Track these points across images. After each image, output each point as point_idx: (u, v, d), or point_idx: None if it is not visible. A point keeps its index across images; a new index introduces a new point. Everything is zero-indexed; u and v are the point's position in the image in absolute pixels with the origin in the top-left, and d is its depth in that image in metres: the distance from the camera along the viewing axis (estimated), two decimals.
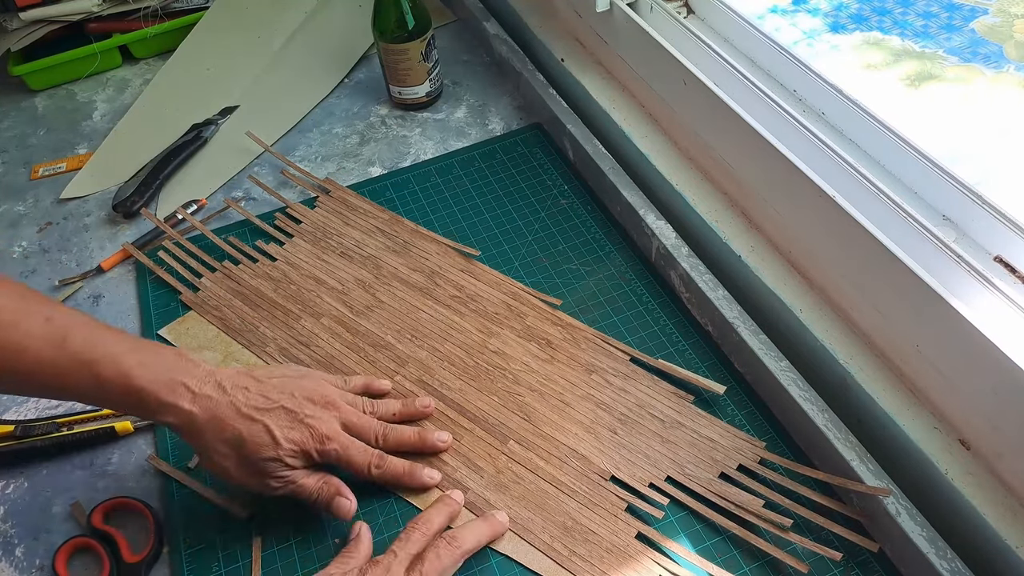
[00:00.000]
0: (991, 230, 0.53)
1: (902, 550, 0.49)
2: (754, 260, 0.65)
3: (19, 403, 0.65)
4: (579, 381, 0.62)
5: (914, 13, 0.76)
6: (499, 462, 0.58)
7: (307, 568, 0.54)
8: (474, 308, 0.68)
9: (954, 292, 0.49)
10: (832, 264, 0.59)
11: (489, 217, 0.77)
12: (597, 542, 0.53)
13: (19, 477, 0.60)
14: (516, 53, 0.91)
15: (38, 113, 0.96)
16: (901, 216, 0.54)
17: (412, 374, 0.63)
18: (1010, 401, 0.46)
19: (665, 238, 0.67)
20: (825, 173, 0.57)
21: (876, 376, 0.56)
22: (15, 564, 0.55)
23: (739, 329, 0.60)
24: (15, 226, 0.81)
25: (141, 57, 1.03)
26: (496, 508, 0.55)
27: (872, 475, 0.51)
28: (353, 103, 0.93)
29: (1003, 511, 0.48)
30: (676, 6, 0.78)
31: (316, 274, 0.72)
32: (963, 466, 0.51)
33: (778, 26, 0.78)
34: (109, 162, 0.87)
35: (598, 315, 0.67)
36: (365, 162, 0.85)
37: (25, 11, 0.95)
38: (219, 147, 0.88)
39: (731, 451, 0.57)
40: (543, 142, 0.84)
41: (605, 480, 0.56)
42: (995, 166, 0.61)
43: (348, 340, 0.66)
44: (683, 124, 0.73)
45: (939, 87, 0.68)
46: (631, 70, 0.79)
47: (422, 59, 0.85)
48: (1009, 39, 0.70)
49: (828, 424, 0.54)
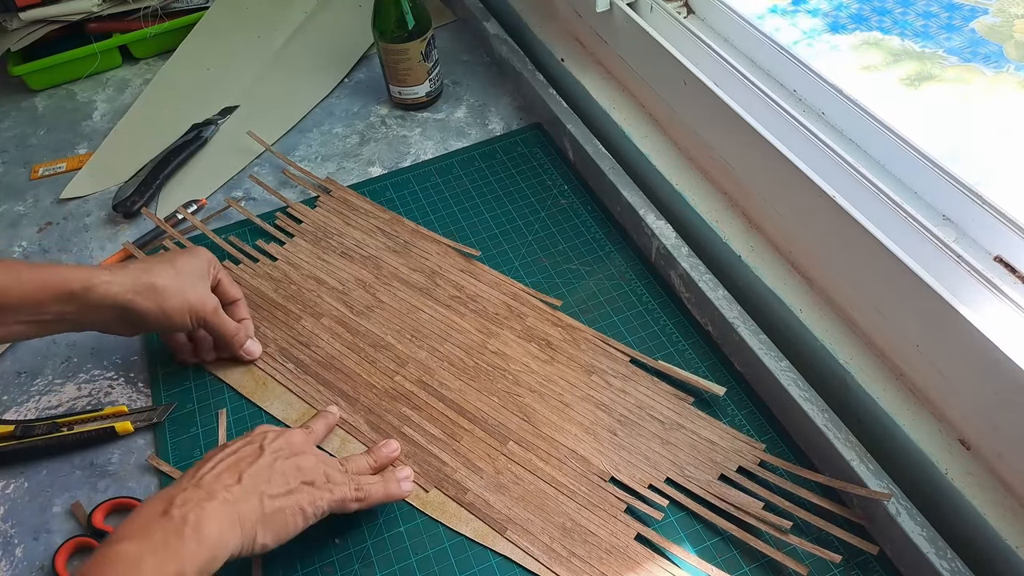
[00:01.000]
0: (991, 230, 0.53)
1: (902, 550, 0.49)
2: (754, 260, 0.65)
3: (19, 403, 0.65)
4: (579, 382, 0.62)
5: (914, 13, 0.76)
6: (498, 463, 0.58)
7: (307, 568, 0.54)
8: (474, 308, 0.68)
9: (954, 292, 0.49)
10: (832, 264, 0.59)
11: (489, 217, 0.77)
12: (596, 543, 0.53)
13: (19, 477, 0.60)
14: (516, 53, 0.91)
15: (38, 113, 0.96)
16: (901, 216, 0.54)
17: (412, 374, 0.63)
18: (1010, 401, 0.46)
19: (665, 238, 0.67)
20: (825, 173, 0.57)
21: (876, 376, 0.56)
22: (15, 564, 0.55)
23: (739, 329, 0.60)
24: (15, 226, 0.81)
25: (141, 57, 1.03)
26: (496, 509, 0.55)
27: (872, 475, 0.51)
28: (353, 103, 0.93)
29: (1003, 511, 0.48)
30: (676, 6, 0.78)
31: (316, 274, 0.72)
32: (963, 466, 0.51)
33: (778, 26, 0.78)
34: (109, 162, 0.87)
35: (598, 315, 0.67)
36: (365, 162, 0.85)
37: (25, 11, 0.95)
38: (219, 147, 0.88)
39: (731, 453, 0.57)
40: (543, 142, 0.84)
41: (604, 481, 0.56)
42: (995, 166, 0.61)
43: (348, 340, 0.66)
44: (683, 124, 0.73)
45: (939, 87, 0.68)
46: (631, 70, 0.79)
47: (422, 59, 0.85)
48: (1009, 39, 0.70)
49: (828, 424, 0.54)
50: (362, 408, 0.62)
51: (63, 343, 0.69)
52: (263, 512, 0.47)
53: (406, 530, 0.55)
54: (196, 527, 0.43)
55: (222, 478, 0.47)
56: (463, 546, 0.54)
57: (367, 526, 0.56)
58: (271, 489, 0.48)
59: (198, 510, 0.44)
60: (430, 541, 0.55)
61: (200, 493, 0.46)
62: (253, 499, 0.47)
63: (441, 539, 0.55)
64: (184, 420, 0.62)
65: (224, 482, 0.47)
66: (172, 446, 0.61)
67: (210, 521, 0.44)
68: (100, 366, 0.67)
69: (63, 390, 0.66)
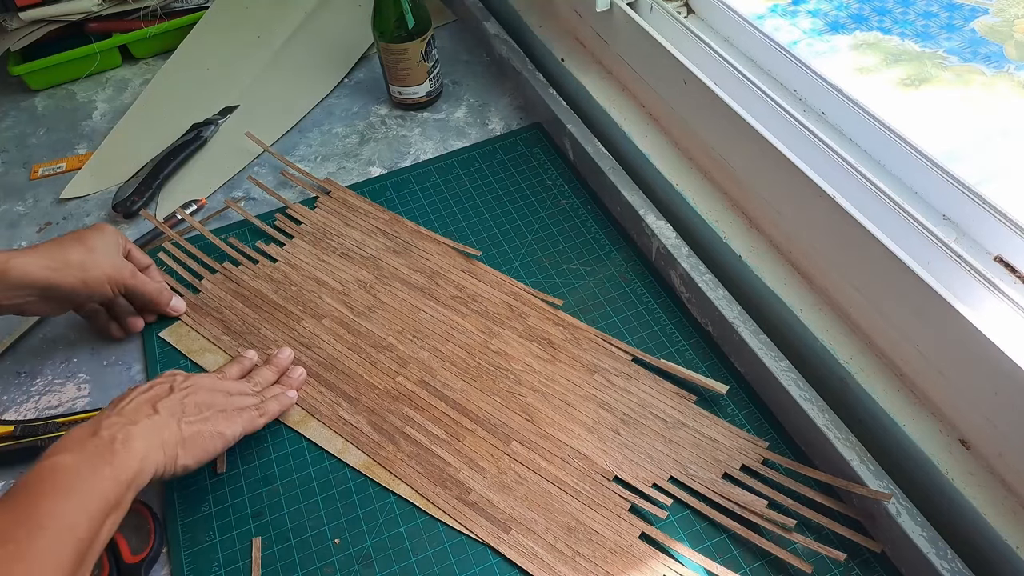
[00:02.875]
0: (991, 230, 0.53)
1: (902, 550, 0.49)
2: (754, 260, 0.65)
3: (19, 403, 0.65)
4: (581, 381, 0.62)
5: (914, 13, 0.76)
6: (502, 463, 0.58)
7: (307, 568, 0.54)
8: (475, 308, 0.68)
9: (954, 292, 0.49)
10: (832, 264, 0.59)
11: (489, 217, 0.77)
12: (601, 542, 0.53)
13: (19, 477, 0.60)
14: (516, 53, 0.91)
15: (38, 113, 0.96)
16: (901, 216, 0.54)
17: (414, 375, 0.63)
18: (1010, 401, 0.47)
19: (665, 238, 0.67)
20: (825, 173, 0.57)
21: (876, 376, 0.56)
22: None
23: (739, 329, 0.60)
24: (15, 226, 0.81)
25: (141, 57, 1.03)
26: (500, 509, 0.55)
27: (872, 475, 0.51)
28: (353, 103, 0.93)
29: (1003, 511, 0.48)
30: (676, 6, 0.78)
31: (317, 275, 0.72)
32: (963, 466, 0.51)
33: (778, 26, 0.78)
34: (109, 162, 0.87)
35: (598, 315, 0.67)
36: (365, 162, 0.85)
37: (25, 11, 0.95)
38: (219, 147, 0.88)
39: (734, 451, 0.57)
40: (543, 142, 0.84)
41: (608, 480, 0.56)
42: (995, 166, 0.61)
43: (349, 341, 0.66)
44: (683, 124, 0.73)
45: (939, 87, 0.68)
46: (631, 70, 0.79)
47: (422, 59, 0.85)
48: (1009, 39, 0.70)
49: (828, 424, 0.54)
50: (364, 409, 0.62)
51: (63, 343, 0.69)
52: (182, 436, 0.52)
53: (406, 530, 0.55)
54: (124, 443, 0.49)
55: (142, 408, 0.52)
56: (463, 546, 0.54)
57: (367, 526, 0.56)
58: (187, 416, 0.53)
59: (124, 431, 0.49)
60: (430, 541, 0.55)
61: (124, 419, 0.51)
62: (172, 424, 0.52)
63: (441, 539, 0.55)
64: None
65: (144, 412, 0.52)
66: None
67: (136, 439, 0.49)
68: (100, 366, 0.67)
69: (63, 390, 0.66)
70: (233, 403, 0.57)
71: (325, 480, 0.58)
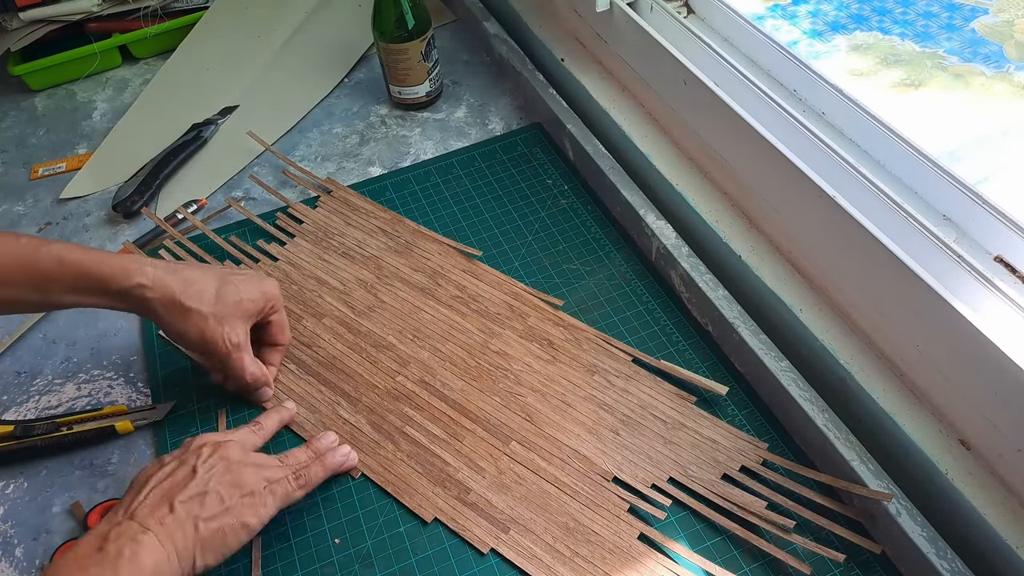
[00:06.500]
0: (991, 230, 0.53)
1: (902, 550, 0.49)
2: (754, 260, 0.65)
3: (19, 403, 0.65)
4: (581, 382, 0.62)
5: (914, 13, 0.76)
6: (501, 463, 0.58)
7: (307, 568, 0.54)
8: (476, 308, 0.68)
9: (954, 292, 0.49)
10: (832, 264, 0.59)
11: (489, 217, 0.77)
12: (599, 543, 0.53)
13: (19, 477, 0.60)
14: (516, 53, 0.91)
15: (38, 113, 0.96)
16: (901, 216, 0.54)
17: (414, 374, 0.63)
18: (1010, 401, 0.46)
19: (665, 238, 0.67)
20: (825, 173, 0.57)
21: (876, 376, 0.56)
22: (15, 564, 0.55)
23: (739, 329, 0.60)
24: (15, 226, 0.81)
25: (141, 57, 1.03)
26: (499, 509, 0.55)
27: (872, 475, 0.51)
28: (353, 103, 0.93)
29: (1003, 511, 0.48)
30: (676, 6, 0.78)
31: (318, 274, 0.72)
32: (964, 466, 0.51)
33: (778, 26, 0.78)
34: (109, 162, 0.87)
35: (598, 315, 0.67)
36: (365, 162, 0.85)
37: (25, 11, 0.95)
38: (219, 147, 0.88)
39: (734, 452, 0.57)
40: (543, 142, 0.84)
41: (607, 481, 0.56)
42: (995, 166, 0.61)
43: (350, 340, 0.66)
44: (683, 124, 0.73)
45: (939, 87, 0.68)
46: (631, 70, 0.79)
47: (422, 59, 0.85)
48: (1009, 39, 0.70)
49: (828, 424, 0.54)
50: (364, 408, 0.62)
51: (63, 343, 0.69)
52: (199, 537, 0.47)
53: (406, 530, 0.55)
54: (131, 560, 0.44)
55: (156, 510, 0.47)
56: (463, 546, 0.54)
57: (367, 526, 0.56)
58: (206, 512, 0.48)
59: (132, 544, 0.45)
60: (430, 541, 0.55)
61: (134, 526, 0.46)
62: (188, 526, 0.47)
63: (441, 539, 0.55)
64: (184, 420, 0.62)
65: (157, 514, 0.47)
66: (172, 446, 0.61)
67: (145, 554, 0.45)
68: (100, 366, 0.67)
69: (63, 390, 0.66)
70: (265, 476, 0.52)
71: (324, 480, 0.58)
